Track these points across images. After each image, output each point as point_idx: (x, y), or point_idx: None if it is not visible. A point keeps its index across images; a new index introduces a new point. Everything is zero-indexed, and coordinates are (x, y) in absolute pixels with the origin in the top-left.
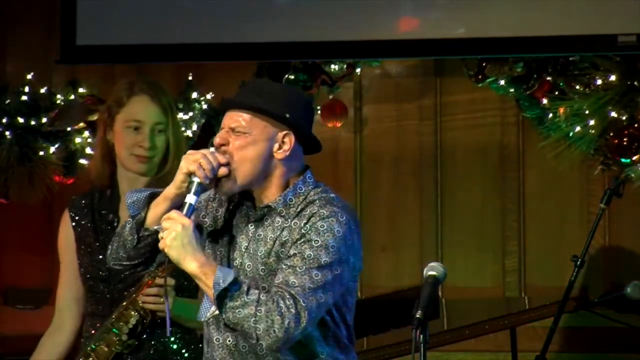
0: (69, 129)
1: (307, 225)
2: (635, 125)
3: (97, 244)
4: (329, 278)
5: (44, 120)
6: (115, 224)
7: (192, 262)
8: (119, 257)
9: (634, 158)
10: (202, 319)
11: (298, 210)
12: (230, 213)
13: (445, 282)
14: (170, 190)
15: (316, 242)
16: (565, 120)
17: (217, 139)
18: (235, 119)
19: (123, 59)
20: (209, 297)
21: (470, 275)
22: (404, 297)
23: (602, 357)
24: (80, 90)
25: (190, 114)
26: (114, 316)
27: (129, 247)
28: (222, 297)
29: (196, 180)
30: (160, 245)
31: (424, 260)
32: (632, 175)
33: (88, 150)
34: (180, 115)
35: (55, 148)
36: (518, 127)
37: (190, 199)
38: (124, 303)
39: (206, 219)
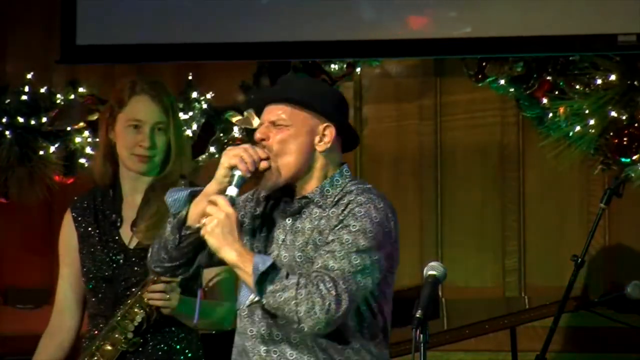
0: (69, 128)
1: (344, 212)
2: (635, 125)
3: (100, 244)
4: (367, 263)
5: (44, 120)
6: (118, 224)
7: (230, 252)
8: (160, 258)
9: (634, 158)
10: (242, 307)
11: (335, 200)
12: (267, 209)
13: (445, 282)
14: (211, 187)
15: (354, 227)
16: (565, 120)
17: (257, 134)
18: (276, 112)
19: (123, 59)
20: (248, 285)
21: (470, 275)
22: (404, 297)
23: (602, 357)
24: (80, 90)
25: (190, 113)
26: (119, 314)
27: (171, 247)
28: (262, 282)
29: (237, 173)
30: (202, 231)
31: (424, 260)
32: (632, 175)
33: (88, 150)
34: (180, 115)
35: (55, 148)
36: (518, 127)
37: (232, 191)
38: (129, 301)
39: (245, 219)
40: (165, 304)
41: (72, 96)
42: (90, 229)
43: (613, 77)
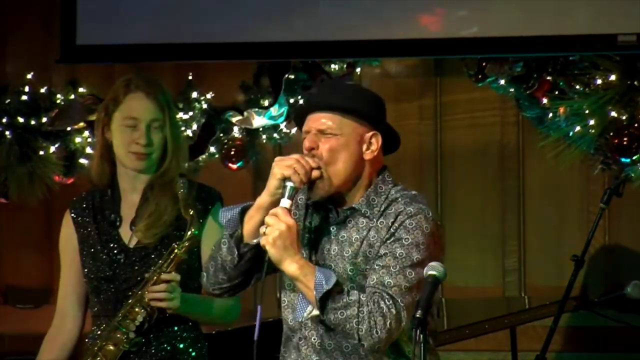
0: (69, 128)
1: (395, 224)
2: (635, 125)
3: (100, 244)
4: (422, 276)
5: (44, 120)
6: (117, 224)
7: (292, 264)
8: (218, 280)
9: (634, 158)
10: (299, 320)
11: (382, 209)
12: (310, 216)
13: (445, 282)
14: (263, 199)
15: (406, 240)
16: (565, 120)
17: (306, 143)
18: (323, 121)
19: (123, 58)
20: (306, 298)
21: (470, 274)
22: None
23: (602, 357)
24: (80, 90)
25: (190, 113)
26: (120, 314)
27: (230, 267)
28: (325, 299)
29: (290, 184)
30: (262, 241)
31: None
32: (632, 175)
33: (88, 150)
34: (180, 115)
35: (55, 148)
36: (518, 127)
37: (286, 203)
38: (130, 301)
39: None
40: (168, 305)
41: (72, 96)
42: (89, 229)
43: (613, 77)
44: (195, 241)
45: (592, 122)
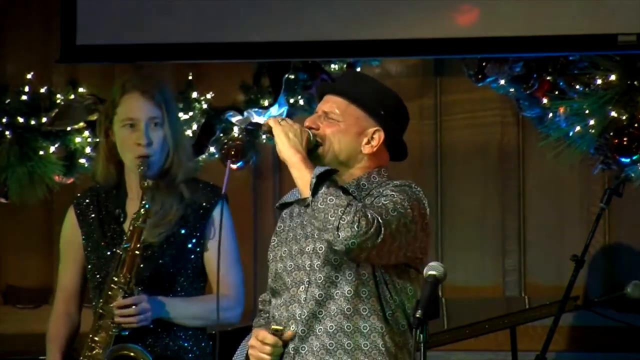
0: (69, 128)
1: (380, 189)
2: (635, 125)
3: (104, 240)
4: (401, 223)
5: (44, 120)
6: (121, 220)
7: (296, 154)
8: None
9: (634, 158)
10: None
11: (369, 193)
12: (295, 208)
13: (445, 282)
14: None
15: (391, 196)
16: (565, 120)
17: (307, 122)
18: (331, 105)
19: (123, 58)
20: (300, 190)
21: (470, 274)
22: None
23: (602, 356)
24: (80, 90)
25: (190, 113)
26: (101, 301)
27: None
28: (320, 182)
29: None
30: (270, 122)
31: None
32: (632, 175)
33: (88, 150)
34: (180, 115)
35: (55, 148)
36: (518, 127)
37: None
38: (106, 286)
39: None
40: (142, 324)
41: (72, 96)
42: (93, 225)
43: (613, 77)
44: (149, 212)
45: (592, 122)
